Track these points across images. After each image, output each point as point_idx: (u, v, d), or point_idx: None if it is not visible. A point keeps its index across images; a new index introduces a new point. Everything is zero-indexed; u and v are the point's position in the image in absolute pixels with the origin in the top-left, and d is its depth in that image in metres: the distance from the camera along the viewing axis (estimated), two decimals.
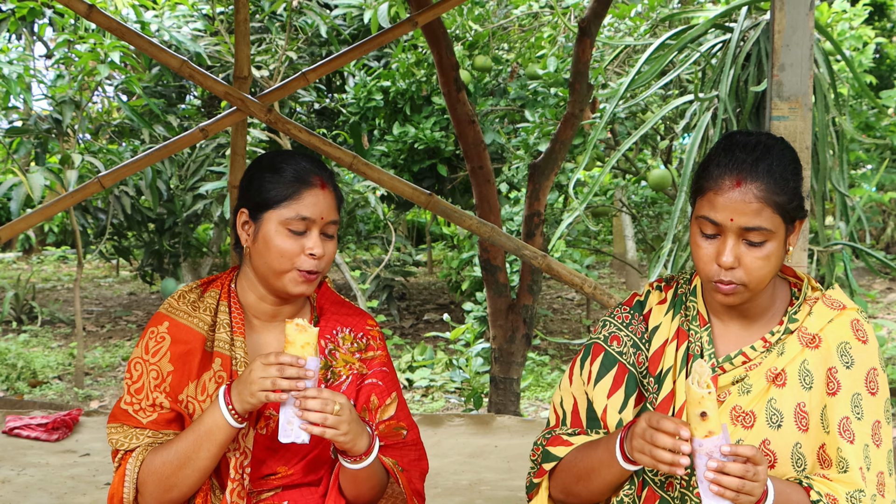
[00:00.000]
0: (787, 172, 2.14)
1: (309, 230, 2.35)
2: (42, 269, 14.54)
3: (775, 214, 2.11)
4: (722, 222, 2.11)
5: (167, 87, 9.76)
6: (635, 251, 11.22)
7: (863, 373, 2.17)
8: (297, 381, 2.16)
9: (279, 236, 2.34)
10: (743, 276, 2.12)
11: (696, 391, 1.96)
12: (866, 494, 2.09)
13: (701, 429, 1.96)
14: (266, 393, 2.17)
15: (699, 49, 5.29)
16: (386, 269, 10.14)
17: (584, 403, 2.32)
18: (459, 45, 8.97)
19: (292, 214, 2.33)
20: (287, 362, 2.16)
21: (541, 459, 2.31)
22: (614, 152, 5.62)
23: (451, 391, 7.87)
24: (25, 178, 6.78)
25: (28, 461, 4.56)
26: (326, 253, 2.36)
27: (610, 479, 2.17)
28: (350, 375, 2.46)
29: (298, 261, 2.34)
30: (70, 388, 7.85)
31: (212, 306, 2.44)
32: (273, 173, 2.37)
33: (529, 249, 4.52)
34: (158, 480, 2.32)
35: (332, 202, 2.38)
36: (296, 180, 2.35)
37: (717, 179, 2.12)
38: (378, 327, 2.56)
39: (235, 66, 4.63)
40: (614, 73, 8.68)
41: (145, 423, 2.37)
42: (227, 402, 2.25)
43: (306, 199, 2.34)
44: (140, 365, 2.41)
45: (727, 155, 2.14)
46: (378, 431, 2.46)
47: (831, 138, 5.24)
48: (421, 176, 9.92)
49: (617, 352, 2.31)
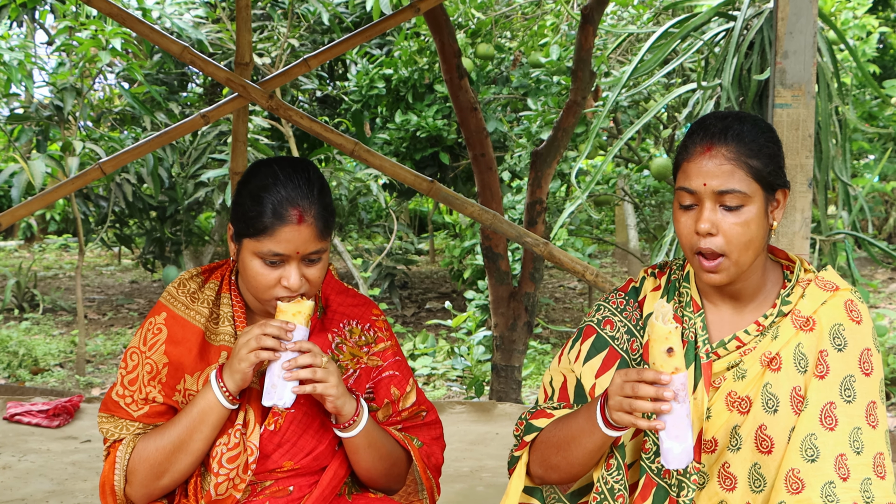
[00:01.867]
0: (759, 138, 2.13)
1: (286, 263, 2.26)
2: (44, 258, 14.55)
3: (749, 178, 2.10)
4: (696, 189, 2.10)
5: (169, 74, 9.73)
6: (637, 240, 11.21)
7: (856, 353, 2.14)
8: (281, 341, 2.17)
9: (255, 266, 2.27)
10: (722, 243, 2.10)
11: (662, 327, 1.94)
12: (837, 486, 2.05)
13: (667, 366, 1.94)
14: (254, 353, 2.17)
15: (702, 37, 5.27)
16: (388, 257, 10.13)
17: (572, 381, 2.30)
18: (462, 33, 8.94)
19: (265, 250, 2.24)
20: (275, 324, 2.17)
21: (523, 433, 2.28)
22: (617, 141, 5.61)
23: (453, 379, 7.87)
24: (26, 165, 6.77)
25: (29, 447, 4.56)
26: (310, 278, 2.28)
27: (590, 447, 2.12)
28: (357, 369, 2.44)
29: (275, 291, 2.26)
30: (71, 375, 7.85)
31: (210, 298, 2.42)
32: (252, 202, 2.27)
33: (531, 237, 4.51)
34: (151, 467, 2.31)
35: (311, 234, 2.25)
36: (272, 215, 2.23)
37: (689, 149, 2.14)
38: (383, 316, 2.54)
39: (237, 52, 4.62)
40: (617, 62, 8.66)
41: (136, 417, 2.36)
42: (219, 381, 2.24)
43: (281, 236, 2.23)
44: (136, 355, 2.39)
45: (699, 125, 2.16)
46: (401, 417, 2.46)
47: (834, 127, 5.23)
48: (423, 164, 9.91)
49: (609, 335, 2.29)
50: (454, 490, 4.02)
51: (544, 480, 2.28)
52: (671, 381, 1.92)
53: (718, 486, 2.19)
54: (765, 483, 2.14)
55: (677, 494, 2.16)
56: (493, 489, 4.02)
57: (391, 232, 10.12)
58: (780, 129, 3.54)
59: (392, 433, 2.41)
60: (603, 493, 2.17)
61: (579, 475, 2.21)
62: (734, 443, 2.17)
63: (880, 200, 11.00)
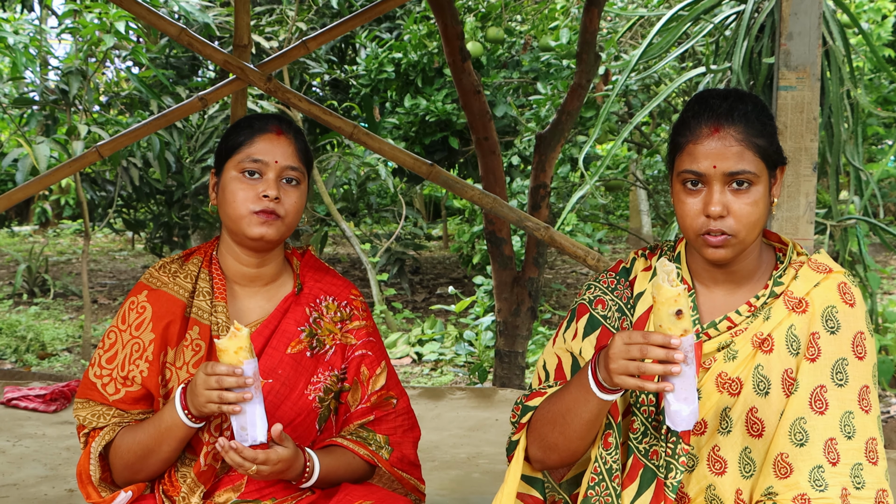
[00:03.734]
0: (763, 116, 2.12)
1: (263, 174, 2.34)
2: (58, 243, 14.58)
3: (757, 158, 2.08)
4: (705, 171, 2.07)
5: (178, 58, 9.69)
6: (650, 226, 11.13)
7: (849, 337, 2.10)
8: (241, 390, 2.13)
9: (235, 181, 2.34)
10: (733, 224, 2.07)
11: (669, 289, 1.90)
12: (825, 470, 2.03)
13: (676, 328, 1.90)
14: (217, 406, 2.15)
15: (713, 20, 5.19)
16: (397, 242, 10.08)
17: (568, 360, 2.28)
18: (472, 16, 8.87)
19: (244, 157, 2.34)
20: (223, 372, 2.12)
21: (520, 416, 2.25)
22: (626, 125, 5.53)
23: (461, 365, 7.82)
24: (31, 148, 6.74)
25: (25, 432, 4.54)
26: (286, 200, 2.35)
27: (587, 416, 2.07)
28: (334, 345, 2.45)
29: (253, 204, 2.32)
30: (77, 360, 7.85)
31: (193, 273, 2.44)
32: (234, 128, 2.41)
33: (532, 221, 4.45)
34: (125, 465, 2.35)
35: (289, 149, 2.37)
36: (249, 127, 2.38)
37: (693, 130, 2.09)
38: (361, 297, 2.56)
39: (235, 34, 4.58)
40: (628, 45, 8.56)
41: (111, 401, 2.37)
42: (184, 407, 2.24)
43: (259, 144, 2.35)
44: (115, 334, 2.40)
45: (701, 105, 2.11)
46: (370, 402, 2.46)
47: (846, 112, 5.13)
48: (433, 148, 9.84)
49: (601, 315, 2.27)
50: (450, 476, 3.97)
51: (544, 464, 2.25)
52: (680, 344, 1.89)
53: (708, 469, 2.16)
54: (755, 467, 2.13)
55: (665, 476, 2.14)
56: (489, 476, 3.97)
57: (401, 216, 10.06)
58: (784, 111, 3.48)
59: (358, 453, 2.42)
60: (601, 473, 2.15)
61: (578, 452, 2.17)
62: (724, 425, 2.15)
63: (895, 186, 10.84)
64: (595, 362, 2.02)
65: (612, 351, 1.95)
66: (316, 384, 2.42)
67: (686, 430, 1.99)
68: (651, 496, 2.14)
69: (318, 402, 2.41)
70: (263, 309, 2.44)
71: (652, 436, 2.17)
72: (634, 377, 1.93)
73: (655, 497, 2.14)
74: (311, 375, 2.41)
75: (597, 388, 2.02)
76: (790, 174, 3.41)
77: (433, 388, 5.53)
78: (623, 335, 1.94)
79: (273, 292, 2.46)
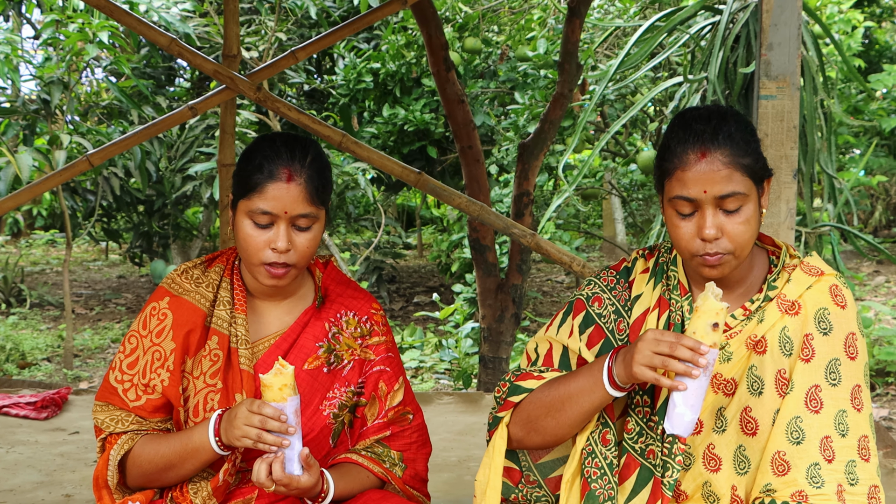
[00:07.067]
0: (746, 135, 2.15)
1: (274, 223, 2.27)
2: (31, 253, 14.50)
3: (745, 177, 2.12)
4: (696, 196, 2.11)
5: (156, 68, 9.71)
6: (625, 234, 11.25)
7: (841, 338, 2.17)
8: (280, 435, 2.14)
9: (246, 227, 2.28)
10: (728, 244, 2.13)
11: (715, 303, 2.01)
12: (821, 467, 2.08)
13: (708, 339, 2.01)
14: (252, 442, 2.16)
15: (688, 31, 5.29)
16: (376, 251, 10.14)
17: (558, 349, 2.34)
18: (449, 26, 8.95)
19: (255, 207, 2.26)
20: (269, 415, 2.13)
21: (507, 394, 2.30)
22: (603, 134, 5.63)
23: (441, 372, 7.89)
24: (13, 158, 6.75)
25: (17, 439, 4.56)
26: (297, 246, 2.28)
27: (587, 407, 2.15)
28: (352, 361, 2.45)
29: (264, 254, 2.27)
30: (59, 369, 7.84)
31: (215, 282, 2.42)
32: (246, 163, 2.30)
33: (518, 228, 4.54)
34: (142, 473, 2.35)
35: (301, 195, 2.26)
36: (261, 172, 2.26)
37: (681, 156, 2.13)
38: (382, 311, 2.54)
39: (224, 44, 4.62)
40: (604, 56, 8.68)
41: (131, 407, 2.36)
42: (216, 434, 2.24)
43: (269, 193, 2.25)
44: (136, 339, 2.39)
45: (685, 130, 2.14)
46: (387, 418, 2.46)
47: (819, 121, 5.25)
48: (411, 158, 9.90)
49: (596, 313, 2.33)
50: (442, 479, 4.04)
51: (522, 443, 2.30)
52: (708, 352, 1.99)
53: (703, 467, 2.22)
54: (749, 465, 2.18)
55: (662, 475, 2.20)
56: None
57: (379, 226, 10.12)
58: (765, 120, 3.57)
59: (373, 471, 2.41)
60: (603, 468, 2.21)
61: (563, 439, 2.24)
62: (719, 424, 2.21)
63: (866, 194, 11.05)
64: (612, 358, 2.10)
65: (640, 343, 2.03)
66: (331, 399, 2.41)
67: (683, 435, 2.05)
68: (648, 494, 2.21)
69: (332, 417, 2.41)
70: (283, 321, 2.43)
71: (648, 436, 2.24)
72: (654, 371, 2.02)
73: (653, 495, 2.21)
74: (327, 391, 2.41)
75: (608, 383, 2.10)
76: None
77: (421, 393, 5.60)
78: (656, 331, 2.03)
79: (293, 304, 2.45)
